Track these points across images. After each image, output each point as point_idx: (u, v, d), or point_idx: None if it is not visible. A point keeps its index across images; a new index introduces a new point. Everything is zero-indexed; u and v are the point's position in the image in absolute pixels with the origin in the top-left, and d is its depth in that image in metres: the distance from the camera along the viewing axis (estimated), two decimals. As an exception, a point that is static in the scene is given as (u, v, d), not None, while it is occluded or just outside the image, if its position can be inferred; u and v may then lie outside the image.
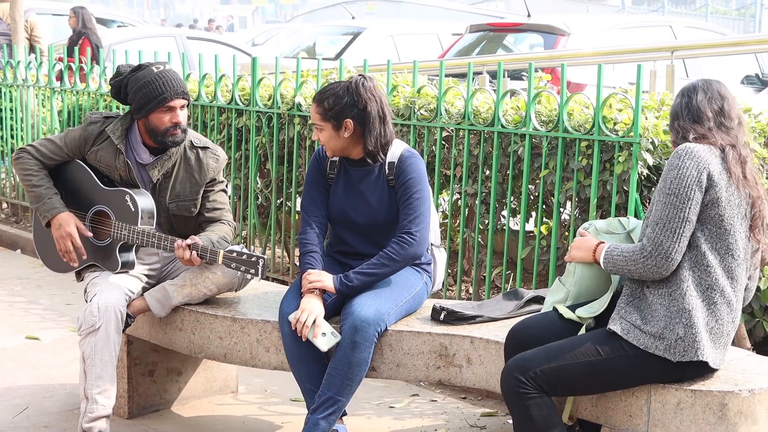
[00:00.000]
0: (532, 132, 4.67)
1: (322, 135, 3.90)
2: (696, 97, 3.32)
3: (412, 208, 3.85)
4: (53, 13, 14.81)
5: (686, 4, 44.22)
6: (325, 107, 3.86)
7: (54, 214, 4.09)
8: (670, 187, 3.17)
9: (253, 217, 6.19)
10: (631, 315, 3.22)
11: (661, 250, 3.15)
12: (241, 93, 6.16)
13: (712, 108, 3.29)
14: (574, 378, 3.24)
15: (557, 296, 3.54)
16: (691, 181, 3.15)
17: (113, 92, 4.19)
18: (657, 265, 3.16)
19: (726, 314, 3.22)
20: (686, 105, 3.33)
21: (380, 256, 3.82)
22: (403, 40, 13.06)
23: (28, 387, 4.68)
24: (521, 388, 3.23)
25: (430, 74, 6.66)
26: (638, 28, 11.00)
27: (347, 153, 3.93)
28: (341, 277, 3.79)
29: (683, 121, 3.31)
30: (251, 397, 4.65)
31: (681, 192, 3.15)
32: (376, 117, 3.86)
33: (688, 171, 3.15)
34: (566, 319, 3.42)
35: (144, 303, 4.09)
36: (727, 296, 3.21)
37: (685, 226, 3.16)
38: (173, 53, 6.71)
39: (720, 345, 3.23)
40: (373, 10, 27.55)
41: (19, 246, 7.55)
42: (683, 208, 3.15)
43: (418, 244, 3.83)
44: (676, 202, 3.15)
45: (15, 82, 8.05)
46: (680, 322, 3.16)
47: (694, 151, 3.18)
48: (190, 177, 4.17)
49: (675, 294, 3.19)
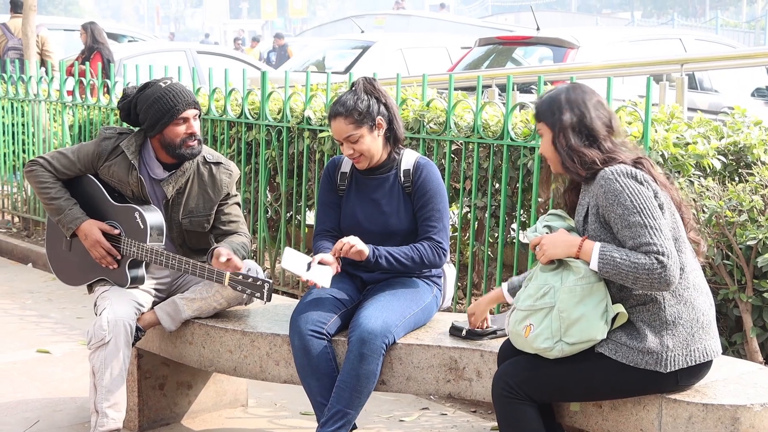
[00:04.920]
0: (541, 145, 4.67)
1: (360, 144, 3.88)
2: (587, 109, 3.25)
3: (437, 220, 3.90)
4: (65, 29, 14.88)
5: (696, 17, 44.25)
6: (359, 111, 3.85)
7: (78, 225, 4.10)
8: (635, 205, 3.07)
9: (263, 231, 6.19)
10: (616, 333, 3.17)
11: (674, 258, 3.05)
12: (250, 107, 6.18)
13: (603, 122, 3.25)
14: (560, 387, 3.24)
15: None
16: (646, 192, 3.09)
17: (123, 115, 4.19)
18: (672, 273, 3.04)
19: (702, 302, 3.19)
20: (579, 120, 3.24)
21: (412, 250, 3.86)
22: (413, 53, 13.08)
23: (39, 400, 4.69)
24: (507, 393, 3.24)
25: (440, 88, 6.68)
26: (648, 41, 10.99)
27: (381, 156, 3.96)
28: (372, 248, 3.83)
29: (580, 142, 3.21)
30: (261, 410, 4.65)
31: (646, 203, 3.07)
32: (393, 107, 3.94)
33: (634, 186, 3.09)
34: None
35: (154, 317, 4.10)
36: (699, 287, 3.19)
37: (669, 230, 3.11)
38: (183, 67, 6.74)
39: (709, 332, 3.20)
40: (382, 23, 27.61)
41: (30, 260, 7.57)
42: (659, 216, 3.08)
43: (445, 259, 3.93)
44: (651, 212, 3.07)
45: (27, 96, 8.09)
46: (666, 334, 3.12)
47: (625, 171, 3.12)
48: (204, 193, 4.18)
49: (652, 308, 3.14)
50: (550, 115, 3.28)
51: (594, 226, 3.19)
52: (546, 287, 3.21)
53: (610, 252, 3.09)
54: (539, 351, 3.20)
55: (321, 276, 3.73)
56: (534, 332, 3.19)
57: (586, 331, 3.13)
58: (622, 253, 3.08)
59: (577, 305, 3.14)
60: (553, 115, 3.27)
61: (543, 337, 3.18)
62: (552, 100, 3.30)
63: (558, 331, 3.16)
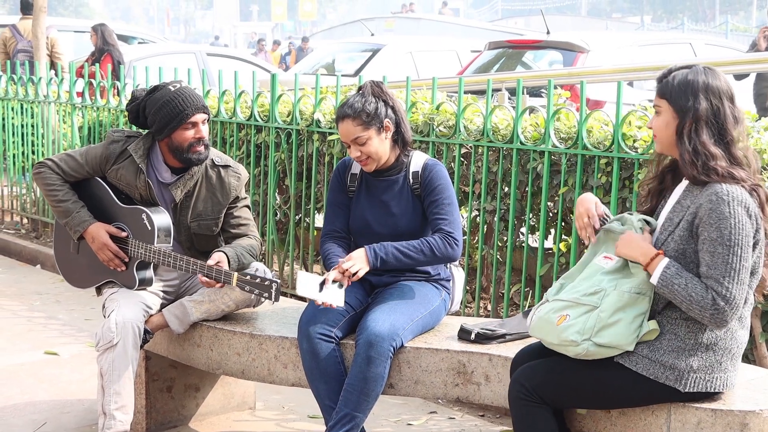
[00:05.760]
0: (551, 149, 4.67)
1: (367, 147, 3.88)
2: (723, 102, 3.06)
3: (447, 213, 3.89)
4: (75, 30, 14.91)
5: (706, 22, 44.18)
6: (367, 113, 3.86)
7: (85, 228, 4.11)
8: (731, 238, 2.96)
9: (272, 233, 6.19)
10: (639, 345, 3.13)
11: (735, 306, 2.99)
12: (260, 109, 6.18)
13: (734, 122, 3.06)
14: (576, 393, 3.22)
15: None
16: (748, 229, 2.98)
17: (131, 118, 4.18)
18: (727, 319, 3.00)
19: (742, 335, 3.17)
20: (714, 114, 3.08)
21: (421, 243, 3.84)
22: (422, 56, 13.07)
23: (47, 402, 4.69)
24: (523, 396, 3.22)
25: (449, 91, 6.67)
26: (658, 46, 10.97)
27: (389, 158, 3.96)
28: (375, 251, 3.80)
29: (709, 138, 3.04)
30: (269, 413, 4.65)
31: (742, 242, 2.97)
32: (401, 111, 3.94)
33: (741, 219, 2.97)
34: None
35: (162, 319, 4.10)
36: (744, 320, 3.16)
37: (749, 275, 3.02)
38: (193, 69, 6.75)
39: (736, 363, 3.18)
40: (392, 27, 27.61)
41: (39, 261, 7.58)
42: (747, 258, 2.99)
43: (459, 248, 3.87)
44: (741, 253, 2.97)
45: (36, 98, 8.11)
46: (695, 355, 3.08)
47: (741, 198, 2.99)
48: (212, 196, 4.18)
49: (693, 327, 3.09)
50: (684, 99, 3.05)
51: (683, 233, 3.08)
52: (598, 288, 3.16)
53: (671, 277, 3.02)
54: (564, 342, 3.13)
55: (334, 296, 3.74)
56: (567, 322, 3.14)
57: (616, 337, 3.09)
58: (684, 279, 3.01)
59: (618, 311, 3.10)
60: (687, 99, 3.05)
61: (574, 330, 3.12)
62: (688, 83, 3.06)
63: (591, 329, 3.10)
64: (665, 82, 3.13)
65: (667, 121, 3.11)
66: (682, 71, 3.11)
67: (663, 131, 3.13)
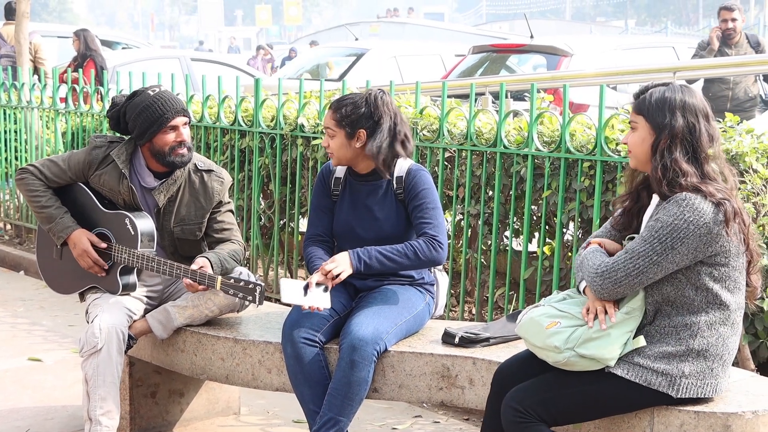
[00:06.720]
0: (534, 153, 4.68)
1: (333, 142, 3.92)
2: (699, 120, 3.10)
3: (431, 217, 3.89)
4: (58, 36, 14.88)
5: (689, 25, 44.35)
6: (342, 114, 3.88)
7: (68, 234, 4.10)
8: (658, 232, 3.03)
9: (256, 238, 6.19)
10: (629, 354, 3.14)
11: (614, 277, 3.08)
12: (244, 114, 6.18)
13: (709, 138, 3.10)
14: (572, 407, 3.20)
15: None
16: (686, 234, 3.00)
17: (112, 124, 4.18)
18: (602, 286, 3.10)
19: (733, 341, 3.18)
20: (690, 131, 3.10)
21: (405, 247, 3.84)
22: (407, 61, 13.09)
23: (30, 409, 4.67)
24: (519, 418, 3.20)
25: (433, 95, 6.68)
26: (641, 49, 11.01)
27: (354, 164, 3.96)
28: (359, 254, 3.80)
29: (683, 156, 3.07)
30: (254, 418, 4.64)
31: (665, 239, 3.02)
32: (385, 132, 3.90)
33: (684, 221, 3.01)
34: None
35: (146, 324, 4.09)
36: (736, 326, 3.18)
37: (651, 269, 3.06)
38: (177, 74, 6.74)
39: (727, 369, 3.20)
40: (377, 31, 27.64)
41: (22, 267, 7.55)
42: (660, 256, 3.03)
43: (444, 252, 3.86)
44: (658, 248, 3.03)
45: (19, 103, 8.08)
46: (687, 361, 3.10)
47: (696, 206, 3.01)
48: (195, 201, 4.17)
49: (684, 334, 3.11)
50: (661, 115, 3.10)
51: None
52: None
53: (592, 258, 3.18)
54: (547, 347, 3.16)
55: (320, 299, 3.73)
56: (556, 329, 3.16)
57: (599, 350, 3.11)
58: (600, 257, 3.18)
59: (607, 328, 3.13)
60: (664, 116, 3.09)
61: (561, 337, 3.14)
62: (665, 101, 3.10)
63: (576, 340, 3.13)
64: (642, 98, 3.17)
65: (643, 137, 3.15)
66: (659, 89, 3.16)
67: (638, 147, 3.18)
